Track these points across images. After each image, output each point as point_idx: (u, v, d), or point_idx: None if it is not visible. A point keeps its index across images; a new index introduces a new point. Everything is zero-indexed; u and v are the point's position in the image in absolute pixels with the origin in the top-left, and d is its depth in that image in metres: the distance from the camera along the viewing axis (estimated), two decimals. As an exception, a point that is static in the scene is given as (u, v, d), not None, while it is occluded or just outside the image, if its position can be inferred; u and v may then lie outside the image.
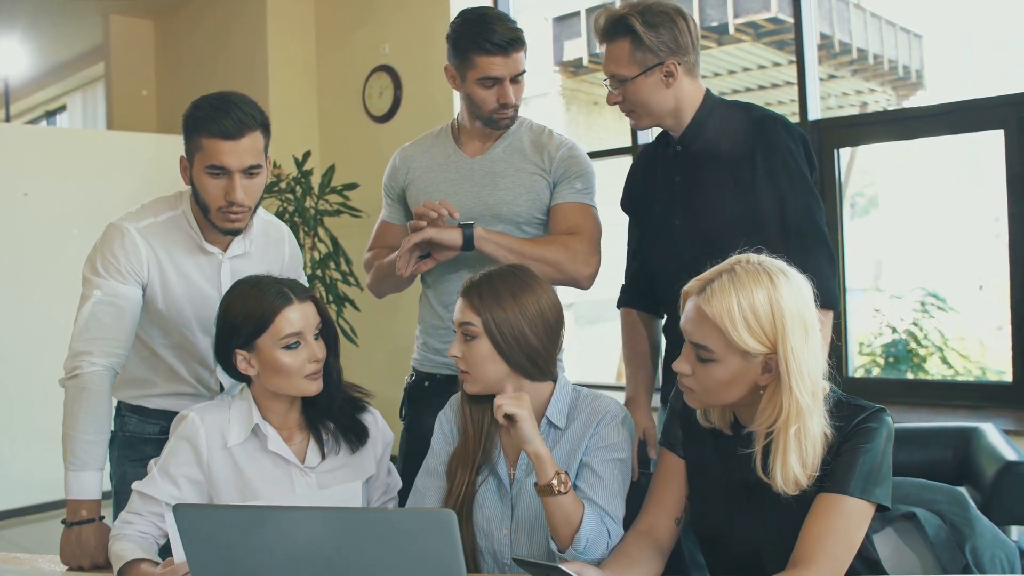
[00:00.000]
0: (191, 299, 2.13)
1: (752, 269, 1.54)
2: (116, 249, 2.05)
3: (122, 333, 2.05)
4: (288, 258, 2.31)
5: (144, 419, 2.26)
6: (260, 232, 2.23)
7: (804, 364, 1.51)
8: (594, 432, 1.81)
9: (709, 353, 1.55)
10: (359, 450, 1.94)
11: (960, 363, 4.61)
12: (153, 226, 2.10)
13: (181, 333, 2.17)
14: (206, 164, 1.99)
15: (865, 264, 5.19)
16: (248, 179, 2.02)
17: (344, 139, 5.38)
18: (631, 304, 2.43)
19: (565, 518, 1.66)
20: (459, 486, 1.84)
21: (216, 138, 1.96)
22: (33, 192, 5.00)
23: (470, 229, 2.20)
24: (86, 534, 1.93)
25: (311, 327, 1.85)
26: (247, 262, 2.17)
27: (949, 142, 3.96)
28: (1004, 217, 3.28)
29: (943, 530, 1.66)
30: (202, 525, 1.29)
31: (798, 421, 1.50)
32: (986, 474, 1.90)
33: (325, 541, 1.22)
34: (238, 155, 1.97)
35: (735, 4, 7.41)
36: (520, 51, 2.29)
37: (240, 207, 2.02)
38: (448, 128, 2.50)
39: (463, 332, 1.81)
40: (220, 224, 2.06)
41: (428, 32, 4.84)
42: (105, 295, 2.04)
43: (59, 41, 7.41)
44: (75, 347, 2.03)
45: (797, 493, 1.52)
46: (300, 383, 1.84)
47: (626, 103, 2.20)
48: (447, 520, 1.16)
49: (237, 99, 2.01)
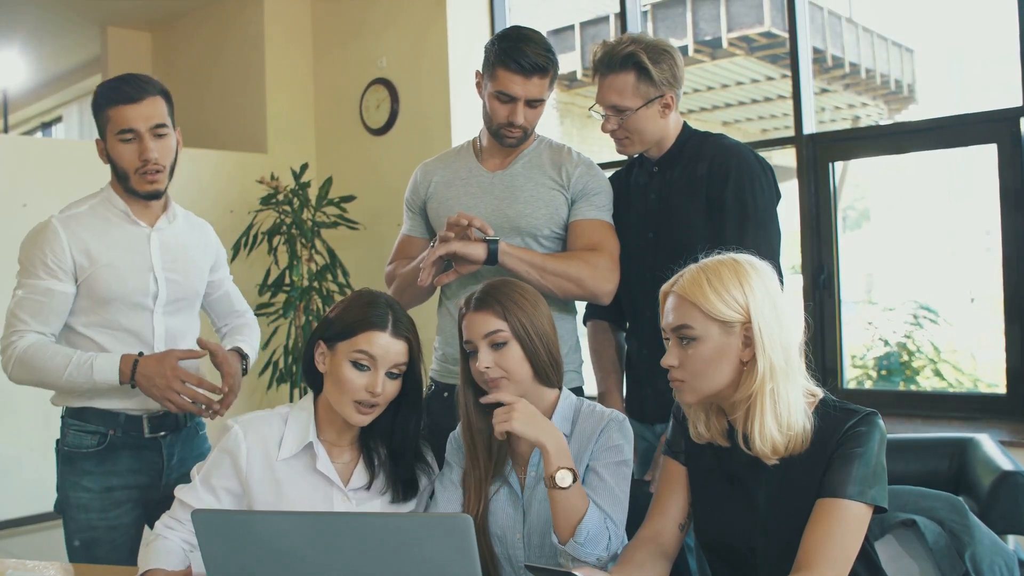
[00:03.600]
0: (121, 272, 2.22)
1: (716, 257, 1.69)
2: (40, 245, 2.19)
3: (48, 322, 2.19)
4: (216, 250, 2.49)
5: (82, 428, 2.24)
6: (183, 215, 2.41)
7: (774, 328, 1.61)
8: (599, 437, 1.85)
9: (690, 331, 1.62)
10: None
11: (953, 375, 4.64)
12: (77, 215, 2.25)
13: (113, 307, 2.22)
14: (116, 131, 2.17)
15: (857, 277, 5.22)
16: (157, 140, 2.18)
17: (341, 151, 5.39)
18: (599, 316, 2.54)
19: (569, 511, 1.70)
20: (475, 498, 1.87)
21: (120, 104, 2.15)
22: (31, 203, 4.99)
23: (495, 244, 2.23)
24: (144, 367, 2.13)
25: (389, 361, 1.83)
26: (174, 236, 2.32)
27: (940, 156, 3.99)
28: (995, 231, 3.31)
29: (943, 537, 1.68)
30: (221, 531, 1.30)
31: (772, 381, 1.59)
32: (983, 484, 1.92)
33: (343, 547, 1.23)
34: (143, 115, 2.16)
35: (729, 18, 7.47)
36: (542, 78, 2.31)
37: (155, 165, 2.19)
38: (470, 144, 2.55)
39: (491, 342, 1.83)
40: (140, 188, 2.22)
41: (425, 45, 4.86)
42: (28, 292, 2.18)
43: (57, 53, 7.40)
44: (4, 337, 2.20)
45: (776, 461, 1.59)
46: (347, 406, 1.83)
47: (621, 131, 2.35)
48: (463, 525, 1.18)
49: (133, 74, 2.22)
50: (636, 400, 2.44)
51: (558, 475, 1.71)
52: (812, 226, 3.66)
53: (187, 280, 2.34)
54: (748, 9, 7.41)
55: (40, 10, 6.21)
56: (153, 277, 2.26)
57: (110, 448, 2.24)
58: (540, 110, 2.39)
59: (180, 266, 2.32)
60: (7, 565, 1.94)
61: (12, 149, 5.23)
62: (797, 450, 1.59)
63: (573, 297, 2.37)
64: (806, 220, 3.67)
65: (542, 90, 2.34)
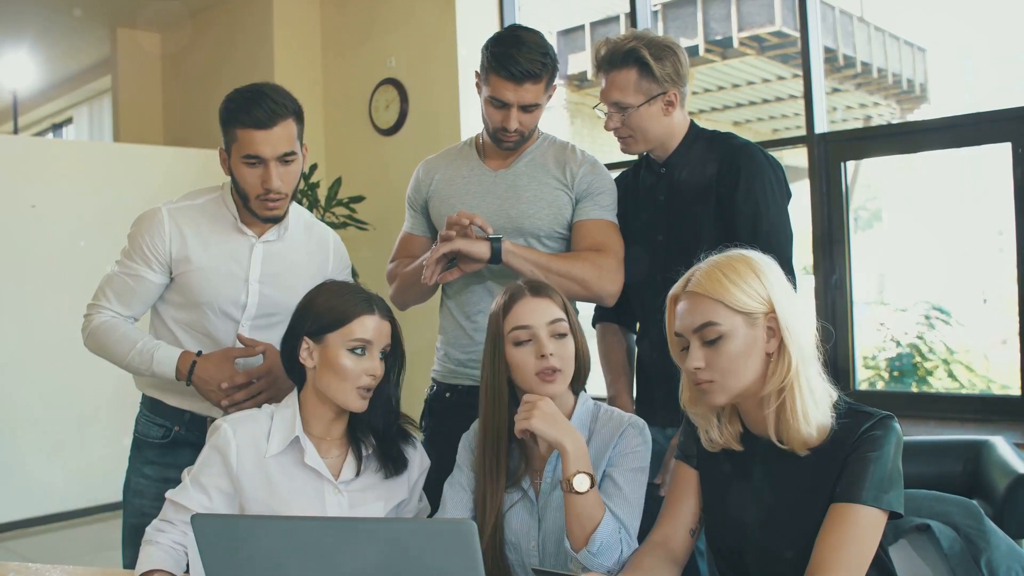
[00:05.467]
0: (214, 277, 2.19)
1: (725, 254, 1.67)
2: (143, 230, 2.18)
3: (130, 306, 2.23)
4: (334, 265, 2.36)
5: (152, 419, 2.30)
6: (302, 226, 2.31)
7: (797, 315, 1.61)
8: (618, 442, 1.83)
9: (715, 328, 1.59)
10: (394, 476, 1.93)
11: (965, 376, 4.60)
12: (188, 208, 2.22)
13: (200, 311, 2.21)
14: (242, 154, 2.08)
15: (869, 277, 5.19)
16: (283, 166, 2.10)
17: (350, 152, 5.39)
18: (607, 318, 2.52)
19: (584, 518, 1.68)
20: (492, 508, 1.83)
21: (249, 128, 2.05)
22: (41, 204, 5.01)
23: (498, 243, 2.21)
24: (202, 369, 2.11)
25: (381, 343, 1.86)
26: (282, 248, 2.25)
27: (952, 156, 3.96)
28: (1008, 230, 3.28)
29: (958, 543, 1.66)
30: (220, 536, 1.29)
31: (804, 367, 1.58)
32: (998, 487, 1.89)
33: (346, 553, 1.22)
34: (271, 143, 2.06)
35: (740, 18, 7.44)
36: (535, 83, 2.26)
37: (277, 194, 2.11)
38: (472, 142, 2.51)
39: (553, 331, 1.81)
40: (259, 212, 2.15)
41: (435, 45, 4.85)
42: (122, 270, 2.21)
43: (67, 54, 7.44)
44: (88, 307, 2.24)
45: (807, 452, 1.57)
46: (350, 393, 1.83)
47: (624, 129, 2.32)
48: (467, 531, 1.16)
49: (269, 89, 2.10)
50: (647, 403, 2.42)
51: (576, 479, 1.68)
52: (824, 226, 3.64)
53: (284, 296, 2.18)
54: (759, 8, 7.38)
55: (50, 11, 6.24)
56: (246, 288, 2.21)
57: (174, 442, 2.26)
58: (537, 114, 2.34)
59: (281, 280, 2.24)
60: (9, 568, 1.93)
61: (21, 150, 5.26)
62: (823, 439, 1.58)
63: (577, 298, 2.34)
64: (817, 220, 3.65)
65: (537, 95, 2.29)
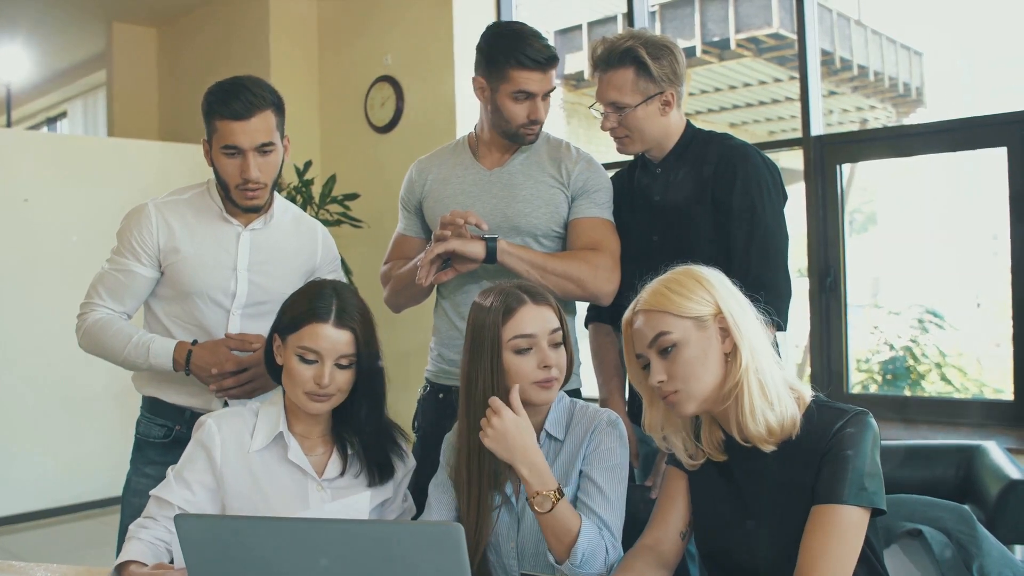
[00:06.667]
0: (203, 266, 2.22)
1: (668, 272, 1.70)
2: (131, 225, 2.23)
3: (123, 302, 2.25)
4: (322, 256, 2.38)
5: (152, 419, 2.31)
6: (290, 218, 2.36)
7: (741, 311, 1.63)
8: (590, 440, 1.81)
9: (668, 337, 1.61)
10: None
11: (959, 380, 4.61)
12: (174, 202, 2.27)
13: (191, 301, 2.23)
14: (221, 145, 2.13)
15: (864, 280, 5.20)
16: (262, 156, 2.14)
17: (345, 149, 5.37)
18: (600, 319, 2.50)
19: (559, 531, 1.66)
20: (475, 508, 1.81)
21: (227, 119, 2.10)
22: (33, 198, 4.99)
23: (493, 242, 2.19)
24: (198, 356, 2.14)
25: (334, 353, 1.81)
26: (269, 236, 2.28)
27: (947, 159, 3.96)
28: (1003, 235, 3.28)
29: (949, 548, 1.65)
30: (204, 535, 1.27)
31: (755, 362, 1.59)
32: (990, 492, 1.89)
33: (331, 555, 1.20)
34: (249, 134, 2.11)
35: (737, 19, 7.44)
36: (555, 68, 2.30)
37: (256, 184, 2.15)
38: (465, 140, 2.49)
39: (553, 341, 1.80)
40: (240, 201, 2.19)
41: (431, 43, 4.84)
42: (112, 267, 2.24)
43: (61, 48, 7.41)
44: (81, 306, 2.26)
45: (773, 448, 1.58)
46: (300, 396, 1.83)
47: (621, 129, 2.31)
48: (454, 534, 1.15)
49: (248, 82, 2.14)
50: (639, 405, 2.41)
51: (536, 501, 1.67)
52: (819, 229, 3.63)
53: (273, 284, 2.24)
54: (756, 10, 7.38)
55: (45, 4, 6.22)
56: (235, 276, 2.24)
57: (175, 441, 2.24)
58: (550, 100, 2.37)
59: (269, 268, 2.27)
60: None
61: (15, 143, 5.23)
62: (790, 434, 1.58)
63: (573, 297, 2.32)
64: (813, 222, 3.64)
65: (554, 80, 2.32)
